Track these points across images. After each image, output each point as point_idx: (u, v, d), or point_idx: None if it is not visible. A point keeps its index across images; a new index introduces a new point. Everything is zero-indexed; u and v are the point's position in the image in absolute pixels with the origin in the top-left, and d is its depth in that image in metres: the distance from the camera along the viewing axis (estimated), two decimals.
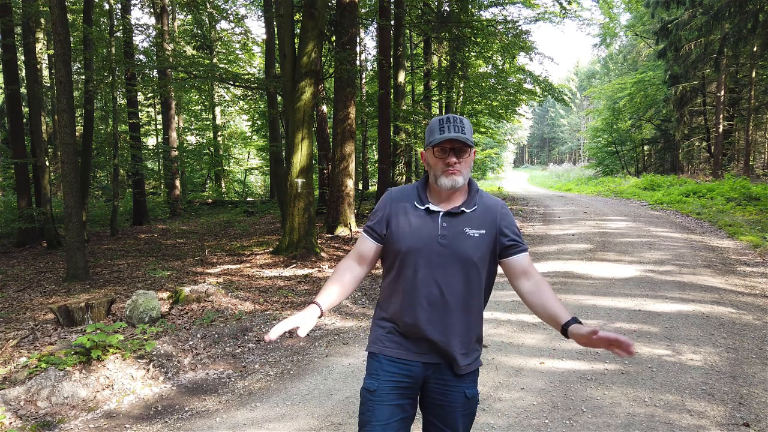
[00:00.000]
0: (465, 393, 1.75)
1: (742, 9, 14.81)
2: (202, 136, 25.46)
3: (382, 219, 1.80)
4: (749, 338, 4.35)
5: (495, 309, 5.44)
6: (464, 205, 1.76)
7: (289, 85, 8.81)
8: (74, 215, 7.31)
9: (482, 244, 1.72)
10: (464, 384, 1.75)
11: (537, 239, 10.23)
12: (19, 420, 3.34)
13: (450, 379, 1.74)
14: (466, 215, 1.75)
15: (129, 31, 15.13)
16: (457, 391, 1.74)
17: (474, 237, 1.71)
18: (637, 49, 34.67)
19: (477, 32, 15.55)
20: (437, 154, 1.72)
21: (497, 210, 1.79)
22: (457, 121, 1.71)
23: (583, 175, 35.67)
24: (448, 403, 1.75)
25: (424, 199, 1.77)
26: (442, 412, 1.76)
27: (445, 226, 1.72)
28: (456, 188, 1.73)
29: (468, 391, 1.76)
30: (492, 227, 1.75)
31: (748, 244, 8.56)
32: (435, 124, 1.74)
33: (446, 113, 21.19)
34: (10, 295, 6.97)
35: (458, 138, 1.68)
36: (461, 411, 1.75)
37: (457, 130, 1.69)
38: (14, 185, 13.03)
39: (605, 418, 3.09)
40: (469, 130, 1.73)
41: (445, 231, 1.71)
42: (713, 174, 21.32)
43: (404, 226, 1.74)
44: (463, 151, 1.71)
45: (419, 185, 1.82)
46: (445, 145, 1.70)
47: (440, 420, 1.77)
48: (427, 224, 1.73)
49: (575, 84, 70.09)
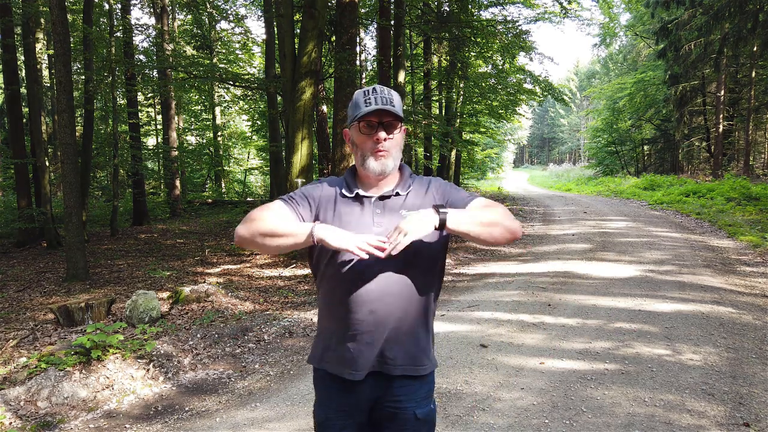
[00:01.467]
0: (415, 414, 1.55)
1: (742, 9, 14.81)
2: (202, 136, 25.45)
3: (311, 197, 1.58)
4: (749, 338, 4.35)
5: (495, 309, 5.44)
6: (399, 188, 1.58)
7: (289, 85, 8.81)
8: (74, 215, 7.32)
9: None
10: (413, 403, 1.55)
11: (537, 239, 10.23)
12: (19, 420, 3.34)
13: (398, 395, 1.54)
14: (401, 197, 1.57)
15: (129, 31, 15.13)
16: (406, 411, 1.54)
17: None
18: (637, 49, 34.67)
19: (477, 32, 15.55)
20: (363, 129, 1.52)
21: (431, 184, 1.61)
22: (385, 92, 1.51)
23: (583, 175, 35.68)
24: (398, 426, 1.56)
25: (353, 186, 1.58)
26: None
27: (378, 212, 1.54)
28: (386, 173, 1.54)
29: (419, 411, 1.55)
30: (431, 200, 1.56)
31: (748, 244, 8.56)
32: (359, 96, 1.53)
33: (446, 113, 21.23)
34: (10, 295, 6.97)
35: (387, 109, 1.48)
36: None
37: (385, 102, 1.48)
38: (14, 185, 13.02)
39: (605, 418, 3.09)
40: (399, 102, 1.53)
41: (380, 218, 1.53)
42: (713, 174, 21.32)
43: (331, 216, 1.54)
44: (392, 126, 1.52)
45: (347, 174, 1.64)
46: (372, 119, 1.50)
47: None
48: (358, 212, 1.54)
49: (575, 84, 70.08)
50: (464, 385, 3.60)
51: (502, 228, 1.44)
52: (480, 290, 6.39)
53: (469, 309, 5.52)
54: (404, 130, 1.59)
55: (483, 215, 1.44)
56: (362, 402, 1.56)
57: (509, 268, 7.70)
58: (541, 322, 4.95)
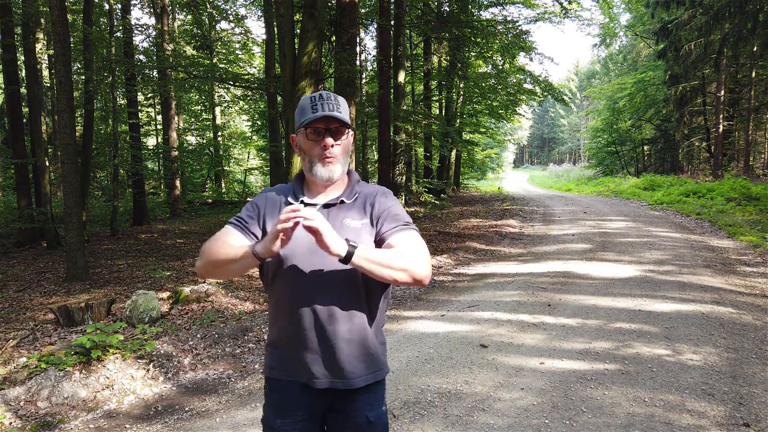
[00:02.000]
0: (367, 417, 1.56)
1: (742, 9, 14.81)
2: (202, 136, 25.45)
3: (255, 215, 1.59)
4: (749, 338, 4.35)
5: (495, 309, 5.45)
6: (344, 195, 1.58)
7: (289, 85, 8.81)
8: (74, 215, 7.31)
9: (364, 235, 1.53)
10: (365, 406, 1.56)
11: (537, 239, 10.23)
12: (19, 420, 3.34)
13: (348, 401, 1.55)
14: (346, 206, 1.57)
15: (129, 31, 15.13)
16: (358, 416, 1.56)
17: (355, 228, 1.53)
18: (637, 49, 34.68)
19: (477, 32, 15.56)
20: (310, 136, 1.53)
21: (375, 196, 1.60)
22: (332, 98, 1.53)
23: (583, 176, 35.69)
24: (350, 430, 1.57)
25: (299, 193, 1.59)
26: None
27: None
28: (333, 179, 1.55)
29: (370, 415, 1.56)
30: (372, 216, 1.57)
31: (748, 244, 8.57)
32: (306, 102, 1.54)
33: (446, 113, 21.23)
34: (10, 296, 6.97)
35: (334, 116, 1.50)
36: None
37: (332, 108, 1.50)
38: (14, 185, 13.03)
39: (605, 418, 3.09)
40: (345, 108, 1.55)
41: None
42: (713, 174, 21.32)
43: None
44: (340, 132, 1.54)
45: (295, 180, 1.64)
46: (319, 125, 1.52)
47: None
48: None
49: (575, 84, 70.09)
50: (464, 385, 3.60)
51: (406, 275, 1.45)
52: (480, 290, 6.39)
53: (469, 309, 5.52)
54: (352, 136, 1.60)
55: (392, 258, 1.44)
56: (313, 410, 1.57)
57: (509, 268, 7.70)
58: (541, 322, 4.95)
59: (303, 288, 1.51)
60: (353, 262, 1.40)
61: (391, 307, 5.87)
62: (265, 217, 1.58)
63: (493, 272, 7.49)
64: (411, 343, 4.54)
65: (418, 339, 4.65)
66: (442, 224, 12.63)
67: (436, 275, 7.43)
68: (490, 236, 10.72)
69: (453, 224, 12.57)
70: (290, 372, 1.55)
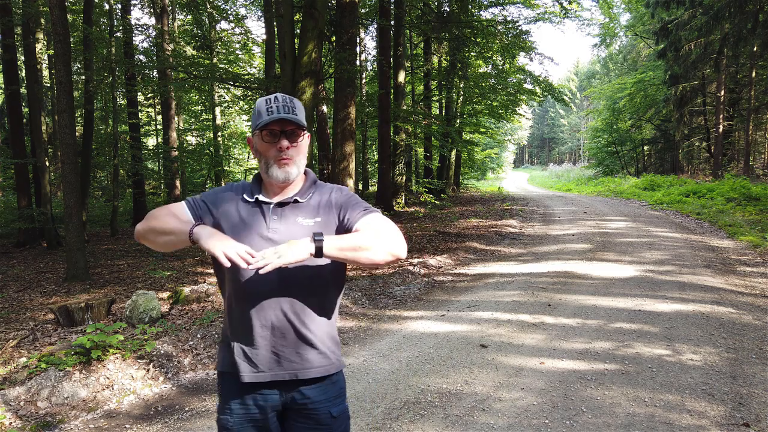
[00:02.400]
0: (330, 412, 1.58)
1: (742, 9, 14.81)
2: (202, 136, 25.44)
3: (211, 202, 1.61)
4: (749, 338, 4.35)
5: (495, 309, 5.45)
6: (298, 194, 1.60)
7: (289, 85, 8.81)
8: (74, 215, 7.32)
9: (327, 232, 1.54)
10: (328, 402, 1.58)
11: (537, 239, 10.24)
12: (19, 420, 3.34)
13: (310, 396, 1.56)
14: (299, 205, 1.59)
15: (129, 32, 15.13)
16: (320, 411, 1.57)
17: (308, 226, 1.54)
18: (637, 49, 34.68)
19: (477, 32, 15.55)
20: (266, 138, 1.54)
21: (333, 193, 1.62)
22: (287, 101, 1.54)
23: (583, 176, 35.69)
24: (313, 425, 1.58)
25: (256, 192, 1.60)
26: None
27: (275, 218, 1.56)
28: (290, 180, 1.56)
29: (333, 410, 1.58)
30: (328, 212, 1.58)
31: (748, 244, 8.57)
32: (261, 104, 1.55)
33: (446, 113, 21.23)
34: (10, 296, 6.98)
35: (289, 119, 1.51)
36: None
37: (287, 111, 1.51)
38: (14, 185, 13.03)
39: (605, 418, 3.09)
40: (301, 111, 1.56)
41: (276, 224, 1.55)
42: (713, 174, 21.32)
43: (230, 221, 1.57)
44: (295, 135, 1.55)
45: (253, 180, 1.66)
46: (274, 128, 1.53)
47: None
48: (255, 217, 1.56)
49: (575, 84, 70.11)
50: (464, 385, 3.60)
51: (381, 251, 1.45)
52: (480, 290, 6.39)
53: (469, 309, 5.52)
54: (308, 137, 1.61)
55: (363, 239, 1.45)
56: (270, 406, 1.57)
57: (509, 268, 7.70)
58: (541, 322, 4.95)
59: (254, 285, 1.51)
60: (326, 255, 1.40)
61: (391, 307, 5.88)
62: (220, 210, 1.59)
63: (493, 272, 7.49)
64: (411, 343, 4.54)
65: (418, 339, 4.65)
66: (442, 224, 12.64)
67: (436, 275, 7.43)
68: (490, 236, 10.72)
69: (453, 224, 12.57)
70: (242, 367, 1.54)
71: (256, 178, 1.66)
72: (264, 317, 1.52)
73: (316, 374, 1.56)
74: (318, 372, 1.56)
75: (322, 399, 1.58)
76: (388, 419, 3.18)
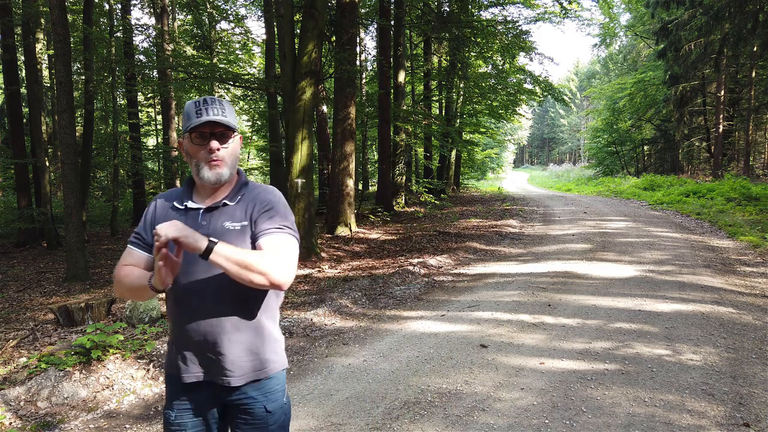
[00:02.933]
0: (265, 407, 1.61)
1: (742, 9, 14.81)
2: None
3: (147, 225, 1.64)
4: (749, 338, 4.35)
5: (495, 309, 5.45)
6: (228, 197, 1.61)
7: (289, 85, 8.81)
8: (74, 215, 7.32)
9: (245, 236, 1.55)
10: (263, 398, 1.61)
11: (537, 239, 10.24)
12: (19, 420, 3.34)
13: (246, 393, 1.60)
14: (228, 208, 1.59)
15: (129, 32, 15.14)
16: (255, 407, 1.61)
17: (235, 230, 1.55)
18: (637, 49, 34.68)
19: (477, 32, 15.56)
20: (195, 140, 1.55)
21: (259, 196, 1.61)
22: (216, 103, 1.55)
23: (583, 176, 35.69)
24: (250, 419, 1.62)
25: (186, 198, 1.62)
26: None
27: (204, 224, 1.56)
28: (221, 182, 1.58)
29: (269, 405, 1.62)
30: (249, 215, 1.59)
31: (748, 244, 8.57)
32: (190, 107, 1.55)
33: (446, 113, 21.23)
34: (10, 296, 6.98)
35: (218, 121, 1.52)
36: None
37: (216, 113, 1.53)
38: (14, 185, 13.03)
39: (605, 418, 3.09)
40: (231, 112, 1.58)
41: (205, 229, 1.55)
42: (713, 174, 21.32)
43: None
44: (225, 136, 1.56)
45: (185, 184, 1.67)
46: (204, 130, 1.54)
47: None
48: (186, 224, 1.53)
49: (575, 84, 70.11)
50: (464, 385, 3.60)
51: (264, 279, 1.46)
52: (480, 290, 6.39)
53: (469, 309, 5.52)
54: (240, 139, 1.63)
55: (252, 260, 1.45)
56: (210, 404, 1.62)
57: (509, 268, 7.70)
58: (541, 322, 4.95)
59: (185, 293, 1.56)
60: (212, 259, 1.42)
61: (391, 307, 5.88)
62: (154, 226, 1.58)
63: (493, 272, 7.49)
64: (411, 343, 4.54)
65: (418, 339, 4.65)
66: (442, 224, 12.64)
67: (436, 275, 7.43)
68: (490, 236, 10.72)
69: (453, 224, 12.57)
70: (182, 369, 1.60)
71: (188, 182, 1.67)
72: (196, 322, 1.56)
73: (247, 380, 1.59)
74: (252, 377, 1.59)
75: (258, 395, 1.61)
76: (388, 419, 3.18)
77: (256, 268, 1.44)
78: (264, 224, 1.56)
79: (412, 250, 9.31)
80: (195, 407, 1.62)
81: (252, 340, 1.59)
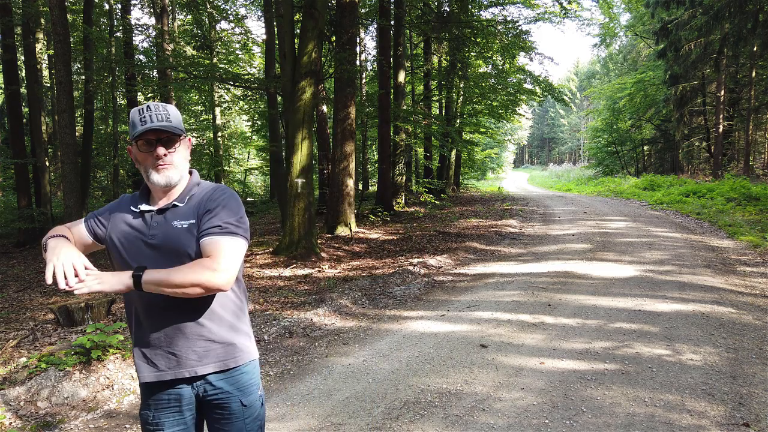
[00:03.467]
0: (241, 401, 1.64)
1: (742, 9, 14.81)
2: (202, 136, 25.45)
3: (106, 214, 1.69)
4: (749, 338, 4.36)
5: (495, 309, 5.45)
6: (179, 198, 1.63)
7: (289, 85, 8.81)
8: (74, 215, 7.32)
9: (190, 236, 1.56)
10: (238, 392, 1.64)
11: (537, 239, 10.24)
12: (19, 420, 3.34)
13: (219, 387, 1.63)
14: (178, 209, 1.61)
15: (129, 31, 15.15)
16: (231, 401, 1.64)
17: (183, 228, 1.57)
18: (637, 49, 34.69)
19: (477, 32, 15.56)
20: (142, 147, 1.57)
21: (209, 196, 1.62)
22: (160, 109, 1.55)
23: (583, 176, 35.69)
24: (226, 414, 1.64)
25: (140, 201, 1.65)
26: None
27: (155, 225, 1.59)
28: (171, 184, 1.61)
29: (244, 399, 1.65)
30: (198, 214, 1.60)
31: (748, 244, 8.57)
32: (134, 115, 1.56)
33: (446, 113, 21.23)
34: (10, 296, 6.98)
35: (162, 127, 1.54)
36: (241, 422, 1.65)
37: (160, 119, 1.54)
38: (14, 185, 13.03)
39: (605, 418, 3.09)
40: (176, 116, 1.59)
41: (156, 230, 1.58)
42: (713, 174, 21.32)
43: (119, 232, 1.62)
44: (172, 141, 1.59)
45: (141, 188, 1.69)
46: (149, 137, 1.56)
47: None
48: (137, 227, 1.60)
49: (575, 84, 70.10)
50: (464, 385, 3.60)
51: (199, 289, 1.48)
52: (480, 290, 6.39)
53: (469, 309, 5.52)
54: (189, 141, 1.67)
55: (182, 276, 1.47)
56: (184, 400, 1.64)
57: (509, 268, 7.70)
58: (541, 322, 4.95)
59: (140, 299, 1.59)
60: (145, 289, 1.48)
61: (391, 307, 5.88)
62: (110, 224, 1.67)
63: (493, 272, 7.49)
64: (411, 343, 4.54)
65: (418, 339, 4.65)
66: (442, 224, 12.64)
67: (436, 275, 7.43)
68: (490, 236, 10.72)
69: (453, 224, 12.57)
70: (143, 368, 1.62)
71: (144, 186, 1.69)
72: (156, 320, 1.59)
73: (215, 368, 1.61)
74: (218, 366, 1.61)
75: (232, 389, 1.63)
76: (388, 419, 3.18)
77: (189, 281, 1.47)
78: (206, 224, 1.57)
79: (412, 250, 9.31)
80: (170, 406, 1.64)
81: (216, 330, 1.61)
